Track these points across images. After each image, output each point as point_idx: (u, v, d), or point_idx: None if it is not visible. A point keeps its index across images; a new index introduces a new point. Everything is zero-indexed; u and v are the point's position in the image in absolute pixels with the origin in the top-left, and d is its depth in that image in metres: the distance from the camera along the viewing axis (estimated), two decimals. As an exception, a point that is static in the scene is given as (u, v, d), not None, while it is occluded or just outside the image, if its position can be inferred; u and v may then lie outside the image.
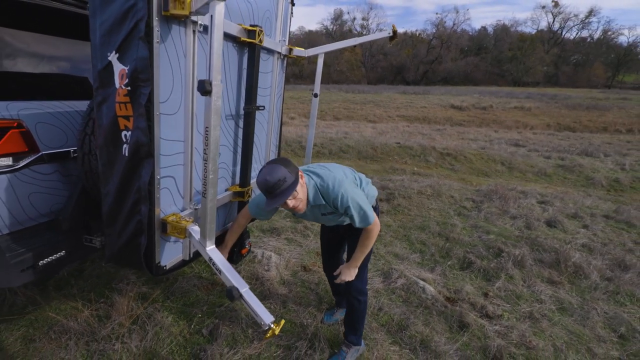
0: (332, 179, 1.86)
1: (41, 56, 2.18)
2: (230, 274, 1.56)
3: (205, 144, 1.46)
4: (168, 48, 1.51)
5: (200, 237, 1.62)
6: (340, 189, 1.82)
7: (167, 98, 1.57)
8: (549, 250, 3.86)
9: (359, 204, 1.82)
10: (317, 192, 1.86)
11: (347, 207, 1.81)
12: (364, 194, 1.96)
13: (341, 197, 1.80)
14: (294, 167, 1.76)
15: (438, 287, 3.15)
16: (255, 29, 1.98)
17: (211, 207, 1.56)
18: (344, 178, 1.89)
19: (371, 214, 1.87)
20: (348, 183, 1.87)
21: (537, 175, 9.30)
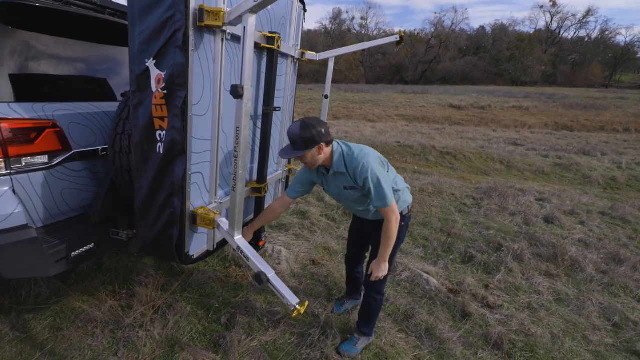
0: (359, 150, 1.92)
1: (71, 60, 2.31)
2: (257, 260, 1.71)
3: (236, 143, 1.60)
4: (200, 55, 1.65)
5: (229, 228, 1.77)
6: (362, 159, 1.86)
7: (198, 101, 1.71)
8: (546, 245, 4.01)
9: (378, 179, 1.84)
10: (341, 158, 1.93)
11: (365, 178, 1.85)
12: (389, 176, 1.95)
13: (361, 167, 1.85)
14: (317, 133, 1.82)
15: (441, 279, 3.31)
16: (275, 35, 2.12)
17: (240, 200, 1.70)
18: (372, 155, 1.91)
19: (390, 194, 1.87)
20: (373, 159, 1.88)
21: (535, 173, 9.47)
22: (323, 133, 1.86)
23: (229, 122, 2.04)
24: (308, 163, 1.96)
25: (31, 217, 1.97)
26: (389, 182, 1.93)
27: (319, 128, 1.85)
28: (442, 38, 61.68)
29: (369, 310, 2.37)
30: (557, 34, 62.98)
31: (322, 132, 1.86)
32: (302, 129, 1.83)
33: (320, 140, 1.85)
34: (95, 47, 2.40)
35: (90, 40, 2.35)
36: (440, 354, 2.41)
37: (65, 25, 2.19)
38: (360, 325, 2.41)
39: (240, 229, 1.80)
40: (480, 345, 2.52)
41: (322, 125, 1.88)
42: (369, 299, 2.34)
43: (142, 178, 1.78)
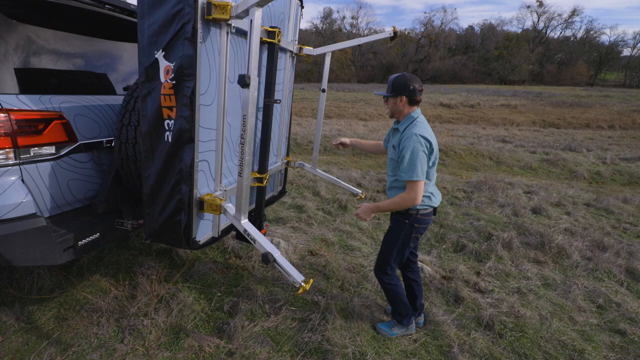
0: (422, 127, 2.06)
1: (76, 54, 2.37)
2: (263, 242, 1.79)
3: (243, 130, 1.69)
4: (207, 47, 1.73)
5: (235, 212, 1.85)
6: (417, 131, 2.01)
7: (205, 91, 1.78)
8: (534, 234, 4.17)
9: (417, 153, 1.96)
10: (409, 120, 2.11)
11: (404, 146, 2.01)
12: (426, 160, 2.03)
13: (408, 136, 2.01)
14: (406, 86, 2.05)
15: (435, 267, 3.43)
16: (275, 30, 2.20)
17: (246, 186, 1.78)
18: (426, 138, 2.00)
19: (420, 172, 1.96)
20: (423, 140, 1.99)
21: (524, 169, 9.71)
22: (410, 89, 2.07)
23: (232, 113, 2.11)
24: (389, 108, 2.20)
25: (39, 207, 2.02)
26: (425, 164, 2.01)
27: (411, 84, 2.06)
28: (432, 37, 62.27)
29: (389, 298, 2.45)
30: (544, 33, 64.10)
31: (411, 87, 2.07)
32: (398, 76, 2.10)
33: (405, 92, 2.08)
34: (97, 42, 2.45)
35: (94, 35, 2.41)
36: (435, 336, 2.52)
37: (69, 19, 2.25)
38: (393, 314, 2.49)
39: (247, 214, 1.88)
40: (473, 326, 2.64)
41: (415, 82, 2.08)
42: (381, 284, 2.44)
43: (150, 167, 1.85)
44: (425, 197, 2.15)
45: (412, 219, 2.18)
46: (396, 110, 2.17)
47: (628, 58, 58.21)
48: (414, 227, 2.19)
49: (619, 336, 2.67)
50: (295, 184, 5.53)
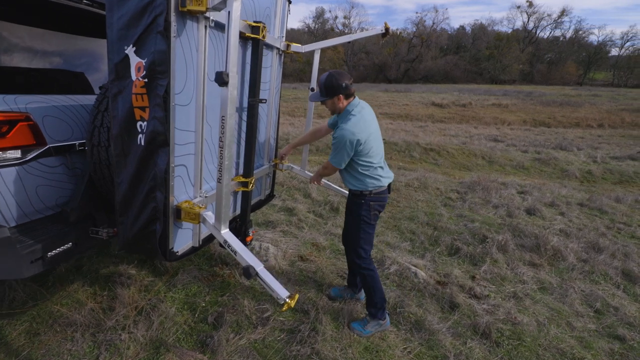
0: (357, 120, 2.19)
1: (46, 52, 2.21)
2: (245, 254, 1.66)
3: (222, 132, 1.55)
4: (183, 42, 1.59)
5: (215, 221, 1.71)
6: (346, 126, 2.16)
7: (181, 90, 1.64)
8: (529, 236, 4.09)
9: (342, 147, 2.16)
10: (347, 114, 2.25)
11: (336, 136, 2.19)
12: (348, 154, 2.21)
13: (340, 129, 2.18)
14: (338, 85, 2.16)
15: (429, 272, 3.32)
16: (259, 25, 2.07)
17: (226, 192, 1.65)
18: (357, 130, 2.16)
19: (339, 161, 2.24)
20: (352, 134, 2.14)
21: (516, 168, 9.70)
22: (343, 87, 2.18)
23: (213, 113, 1.98)
24: (329, 108, 2.34)
25: (3, 216, 1.86)
26: (345, 156, 2.23)
27: (341, 82, 2.17)
28: (424, 37, 62.50)
29: (365, 285, 2.49)
30: (534, 33, 64.71)
31: (343, 85, 2.18)
32: (326, 78, 2.20)
33: (339, 92, 2.19)
34: (72, 39, 2.29)
35: (67, 32, 2.25)
36: (430, 345, 2.41)
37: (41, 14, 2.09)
38: (367, 305, 2.51)
39: (227, 223, 1.75)
40: (469, 335, 2.54)
41: (345, 79, 2.19)
42: (357, 270, 2.51)
43: (122, 172, 1.70)
44: (374, 179, 2.34)
45: (366, 198, 2.37)
46: (336, 108, 2.31)
47: (616, 58, 59.05)
48: (370, 204, 2.38)
49: (618, 342, 2.59)
50: (286, 186, 5.40)
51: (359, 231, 2.43)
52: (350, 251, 2.55)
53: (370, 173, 2.31)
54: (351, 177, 2.36)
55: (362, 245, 2.45)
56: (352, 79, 2.25)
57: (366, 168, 2.29)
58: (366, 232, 2.43)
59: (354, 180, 2.36)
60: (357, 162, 2.28)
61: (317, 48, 2.70)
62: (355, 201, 2.42)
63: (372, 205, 2.37)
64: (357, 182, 2.35)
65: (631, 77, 52.61)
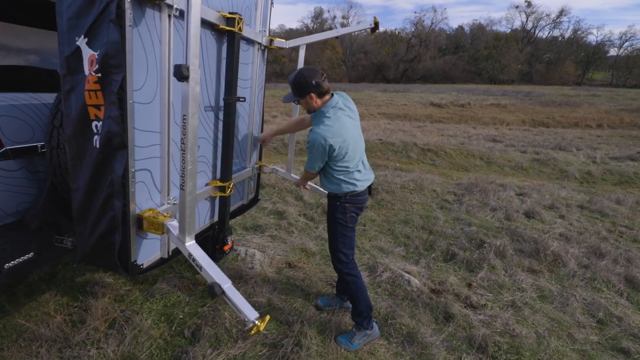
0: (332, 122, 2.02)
1: (4, 47, 2.04)
2: (211, 270, 1.49)
3: (183, 133, 1.39)
4: (142, 33, 1.43)
5: (179, 232, 1.55)
6: (319, 130, 1.99)
7: (141, 86, 1.48)
8: (528, 240, 3.94)
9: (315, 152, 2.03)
10: (321, 115, 2.08)
11: (308, 140, 2.04)
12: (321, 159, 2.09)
13: (312, 133, 2.02)
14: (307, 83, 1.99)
15: (423, 279, 3.16)
16: (235, 16, 1.90)
17: (190, 201, 1.48)
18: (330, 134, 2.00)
19: (314, 166, 2.13)
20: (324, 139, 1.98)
21: (515, 169, 9.54)
22: (314, 85, 2.00)
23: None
24: (305, 109, 2.19)
25: (-47, 225, 1.70)
26: (319, 161, 2.11)
27: (311, 79, 1.99)
28: (422, 37, 62.41)
29: (348, 291, 2.35)
30: (533, 33, 64.68)
31: (313, 83, 1.99)
32: (295, 76, 2.03)
33: (310, 90, 2.01)
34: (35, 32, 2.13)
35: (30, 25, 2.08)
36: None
37: None
38: (352, 315, 2.38)
39: (193, 234, 1.58)
40: (464, 348, 2.38)
41: (315, 76, 2.00)
42: (340, 275, 2.39)
43: (78, 177, 1.54)
44: (350, 184, 2.20)
45: (342, 200, 2.24)
46: (311, 107, 2.13)
47: (615, 58, 59.04)
48: (345, 207, 2.24)
49: (623, 356, 2.44)
50: (277, 188, 5.23)
51: (336, 234, 2.30)
52: (331, 255, 2.42)
53: (346, 177, 2.18)
54: (326, 179, 2.24)
55: (342, 249, 2.31)
56: (325, 75, 2.08)
57: (342, 172, 2.16)
58: (344, 235, 2.29)
59: (329, 183, 2.24)
60: (332, 167, 2.15)
61: (302, 44, 2.53)
62: (331, 203, 2.30)
63: (347, 208, 2.24)
64: (332, 185, 2.22)
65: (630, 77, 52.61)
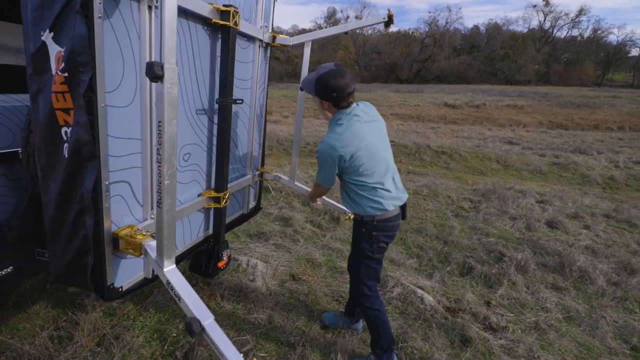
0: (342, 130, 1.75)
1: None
2: (191, 302, 1.30)
3: (159, 142, 1.20)
4: (115, 26, 1.25)
5: (156, 255, 1.36)
6: (329, 140, 1.74)
7: (115, 87, 1.30)
8: (552, 254, 3.66)
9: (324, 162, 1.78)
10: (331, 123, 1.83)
11: (317, 150, 1.79)
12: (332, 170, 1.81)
13: (322, 142, 1.77)
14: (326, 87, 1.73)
15: (437, 295, 2.93)
16: (229, 9, 1.71)
17: (168, 220, 1.30)
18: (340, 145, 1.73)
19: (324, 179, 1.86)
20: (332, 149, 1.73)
21: (533, 173, 9.17)
22: (334, 97, 1.75)
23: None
24: (317, 107, 1.91)
25: None
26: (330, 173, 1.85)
27: (332, 91, 1.73)
28: (437, 37, 61.59)
29: (369, 326, 2.12)
30: (550, 33, 63.12)
31: (334, 95, 1.75)
32: (323, 75, 1.75)
33: (324, 97, 1.79)
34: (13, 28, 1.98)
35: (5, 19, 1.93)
36: (437, 392, 2.02)
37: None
38: (372, 346, 2.14)
39: (173, 257, 1.39)
40: (484, 379, 2.14)
41: (341, 90, 1.73)
42: (361, 309, 2.13)
43: (49, 190, 1.37)
44: (373, 201, 1.87)
45: (368, 227, 1.92)
46: (321, 111, 1.90)
47: (636, 58, 57.11)
48: (372, 235, 1.93)
49: (664, 391, 2.16)
50: (284, 192, 5.04)
51: (360, 266, 2.01)
52: (353, 285, 2.17)
53: (369, 194, 1.84)
54: (347, 197, 1.93)
55: (365, 281, 2.02)
56: (354, 87, 1.78)
57: (361, 188, 1.85)
58: (369, 267, 2.00)
59: (350, 202, 1.93)
60: (348, 181, 1.87)
61: (307, 40, 2.32)
62: (356, 229, 2.00)
63: (374, 236, 1.91)
64: (354, 204, 1.91)
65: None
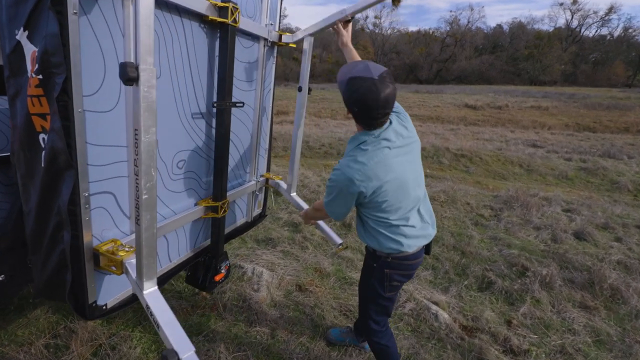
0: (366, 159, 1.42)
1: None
2: (171, 331, 1.17)
3: (135, 153, 1.08)
4: (94, 22, 1.14)
5: (136, 276, 1.24)
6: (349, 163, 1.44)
7: (95, 90, 1.19)
8: (580, 269, 3.39)
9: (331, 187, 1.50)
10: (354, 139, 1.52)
11: (334, 169, 1.50)
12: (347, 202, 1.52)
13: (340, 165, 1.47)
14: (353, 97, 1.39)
15: (453, 312, 2.73)
16: (228, 5, 1.59)
17: (148, 238, 1.18)
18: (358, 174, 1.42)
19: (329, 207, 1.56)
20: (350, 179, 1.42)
21: (558, 178, 8.74)
22: (355, 112, 1.42)
23: (162, 120, 1.52)
24: None
25: None
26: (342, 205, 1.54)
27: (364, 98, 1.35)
28: (458, 37, 60.35)
29: (375, 355, 1.95)
30: (578, 32, 60.82)
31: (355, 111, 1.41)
32: (353, 74, 1.38)
33: (347, 106, 1.45)
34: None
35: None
36: None
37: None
38: None
39: (154, 278, 1.27)
40: (503, 410, 1.95)
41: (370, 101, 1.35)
42: (369, 342, 1.94)
43: (29, 199, 1.28)
44: (393, 241, 1.56)
45: (381, 262, 1.63)
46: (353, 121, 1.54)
47: (671, 57, 54.33)
48: (384, 273, 1.64)
49: None
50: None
51: (367, 301, 1.79)
52: (360, 320, 1.95)
53: (387, 231, 1.55)
54: (361, 226, 1.66)
55: (373, 317, 1.78)
56: (390, 109, 1.42)
57: (379, 224, 1.55)
58: (378, 304, 1.75)
59: (364, 232, 1.64)
60: (366, 215, 1.58)
61: (306, 35, 2.12)
62: (367, 262, 1.73)
63: (387, 275, 1.63)
64: (368, 236, 1.62)
65: (689, 78, 48.23)
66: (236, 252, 3.35)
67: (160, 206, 1.61)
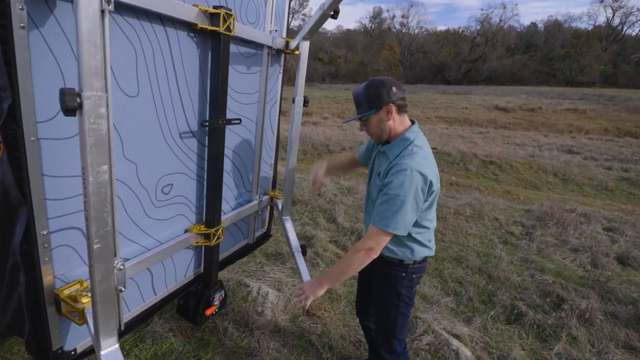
0: (423, 155, 1.46)
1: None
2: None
3: (84, 195, 0.91)
4: (50, 38, 0.98)
5: (93, 333, 1.08)
6: (412, 163, 1.40)
7: (53, 115, 1.03)
8: (624, 301, 3.01)
9: (406, 198, 1.38)
10: (403, 143, 1.50)
11: (392, 181, 1.41)
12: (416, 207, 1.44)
13: (401, 170, 1.40)
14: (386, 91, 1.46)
15: (477, 349, 2.45)
16: (219, 11, 1.41)
17: (103, 293, 1.01)
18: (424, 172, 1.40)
19: (399, 223, 1.40)
20: (420, 177, 1.39)
21: (597, 189, 8.12)
22: (394, 92, 1.47)
23: (143, 145, 1.35)
24: (373, 132, 1.56)
25: None
26: (410, 214, 1.43)
27: (390, 86, 1.47)
28: (489, 36, 58.34)
29: None
30: (620, 30, 57.34)
31: (393, 91, 1.47)
32: (367, 86, 1.51)
33: (388, 99, 1.47)
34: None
35: None
36: None
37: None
38: None
39: (114, 336, 1.10)
40: None
41: (392, 83, 1.48)
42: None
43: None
44: (424, 246, 1.62)
45: (409, 270, 1.65)
46: (384, 129, 1.53)
47: None
48: (412, 278, 1.67)
49: None
50: (310, 206, 4.72)
51: (396, 317, 1.70)
52: (381, 343, 1.82)
53: (422, 238, 1.59)
54: (391, 240, 1.56)
55: (399, 336, 1.74)
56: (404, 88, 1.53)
57: (421, 230, 1.56)
58: (405, 317, 1.73)
59: (396, 246, 1.58)
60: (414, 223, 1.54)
61: (302, 38, 1.87)
62: (391, 274, 1.66)
63: (414, 279, 1.67)
64: (401, 248, 1.59)
65: None
66: (243, 268, 3.19)
67: (141, 237, 1.45)
